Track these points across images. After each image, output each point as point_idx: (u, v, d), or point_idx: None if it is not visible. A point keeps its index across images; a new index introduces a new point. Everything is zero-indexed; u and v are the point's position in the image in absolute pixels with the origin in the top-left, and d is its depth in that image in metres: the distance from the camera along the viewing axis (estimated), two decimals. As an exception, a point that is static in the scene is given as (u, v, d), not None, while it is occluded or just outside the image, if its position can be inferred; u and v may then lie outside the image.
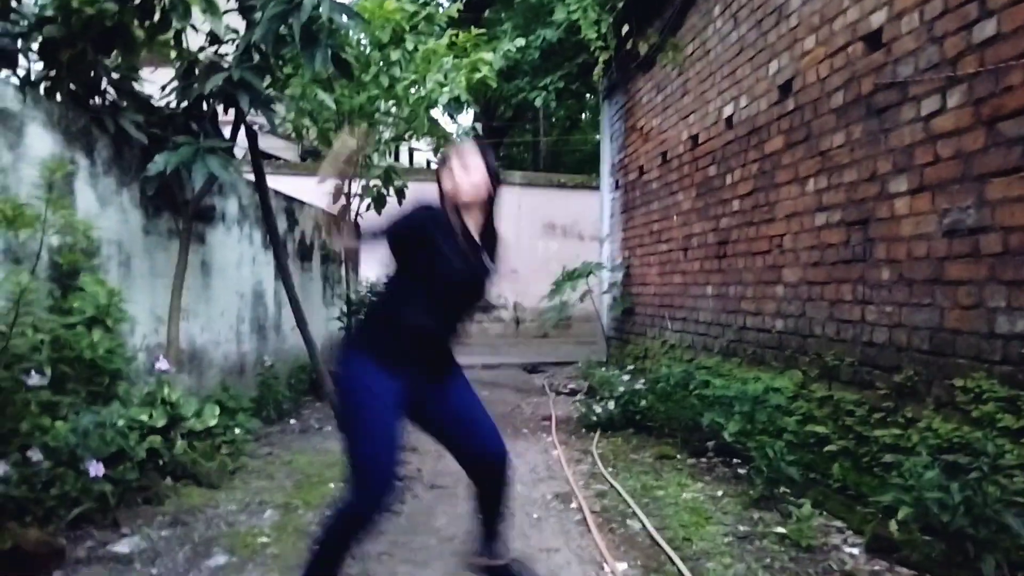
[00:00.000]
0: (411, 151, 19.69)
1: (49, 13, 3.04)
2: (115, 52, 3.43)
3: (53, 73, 3.25)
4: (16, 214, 2.41)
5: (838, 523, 3.13)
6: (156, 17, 3.41)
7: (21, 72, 3.46)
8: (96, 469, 2.61)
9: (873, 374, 3.42)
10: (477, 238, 2.24)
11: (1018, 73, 2.68)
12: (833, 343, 3.74)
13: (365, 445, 2.01)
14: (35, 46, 3.33)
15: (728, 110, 5.07)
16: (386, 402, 2.04)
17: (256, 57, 3.76)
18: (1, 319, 2.30)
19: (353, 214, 7.06)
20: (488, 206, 2.27)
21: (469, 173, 2.20)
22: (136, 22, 3.34)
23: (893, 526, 2.64)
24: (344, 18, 3.35)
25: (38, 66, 3.50)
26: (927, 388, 3.08)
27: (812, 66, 4.00)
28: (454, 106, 6.71)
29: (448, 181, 2.22)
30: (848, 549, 2.84)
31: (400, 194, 7.10)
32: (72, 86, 3.43)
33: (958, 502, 2.18)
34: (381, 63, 5.93)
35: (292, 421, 5.30)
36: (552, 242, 13.21)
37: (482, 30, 6.69)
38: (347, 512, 2.01)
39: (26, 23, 3.11)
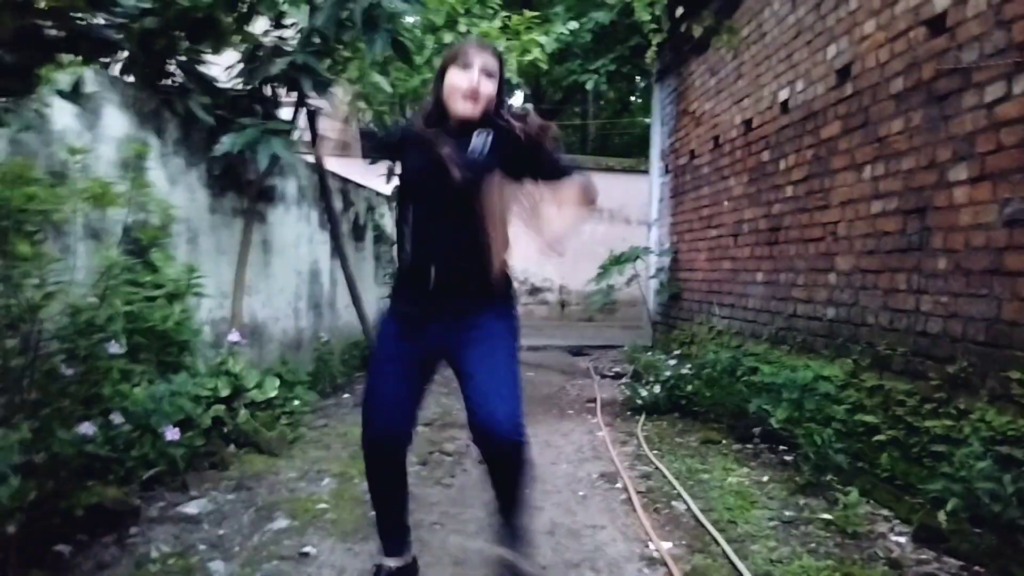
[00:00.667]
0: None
1: (147, 5, 3.25)
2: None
3: (143, 60, 3.45)
4: (103, 192, 2.56)
5: (885, 512, 3.14)
6: (244, 8, 3.61)
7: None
8: (172, 433, 2.78)
9: (926, 364, 3.39)
10: (475, 140, 2.09)
11: (1089, 60, 2.62)
12: (886, 332, 3.71)
13: (364, 394, 2.22)
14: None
15: (784, 94, 5.01)
16: (387, 354, 2.20)
17: (317, 41, 3.86)
18: (90, 289, 2.45)
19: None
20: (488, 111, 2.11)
21: (463, 80, 2.06)
22: (223, 13, 3.54)
23: (941, 516, 2.64)
24: (403, 3, 3.43)
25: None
26: (981, 380, 3.05)
27: (872, 51, 3.94)
28: (506, 88, 6.75)
29: (444, 83, 2.10)
30: (894, 538, 2.85)
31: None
32: (144, 70, 3.60)
33: (1011, 493, 2.18)
34: (435, 45, 6.02)
35: (346, 395, 5.47)
36: (599, 226, 13.18)
37: (535, 13, 6.70)
38: (361, 445, 2.21)
39: (125, 14, 3.30)
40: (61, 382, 2.29)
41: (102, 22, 2.15)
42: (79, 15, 1.92)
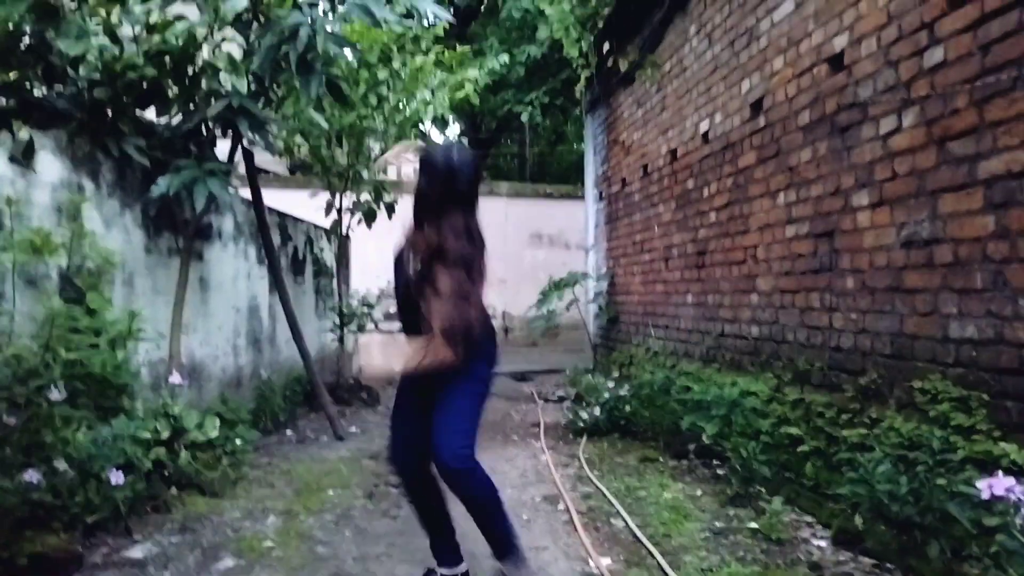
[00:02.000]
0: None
1: (97, 77, 3.47)
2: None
3: (95, 126, 3.62)
4: (43, 242, 2.58)
5: (808, 518, 3.34)
6: (188, 79, 3.88)
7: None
8: (117, 477, 2.78)
9: (841, 377, 3.63)
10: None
11: (963, 97, 2.90)
12: (804, 348, 3.95)
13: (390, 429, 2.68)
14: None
15: (704, 126, 5.30)
16: (401, 395, 2.66)
17: (253, 84, 3.94)
18: (34, 340, 2.45)
19: (345, 228, 7.26)
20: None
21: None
22: (169, 81, 3.83)
23: (858, 519, 2.84)
24: (337, 47, 3.54)
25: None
26: (889, 390, 3.29)
27: (781, 86, 4.23)
28: (439, 123, 6.93)
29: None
30: (816, 542, 3.04)
31: (391, 209, 7.29)
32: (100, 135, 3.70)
33: (905, 493, 2.39)
34: (369, 82, 6.14)
35: (288, 432, 5.46)
36: (539, 251, 13.44)
37: (467, 47, 6.90)
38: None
39: (77, 87, 3.45)
40: (2, 431, 2.29)
41: (55, 94, 2.26)
42: (31, 89, 2.01)
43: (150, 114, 4.24)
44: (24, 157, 2.47)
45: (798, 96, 4.06)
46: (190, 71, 3.86)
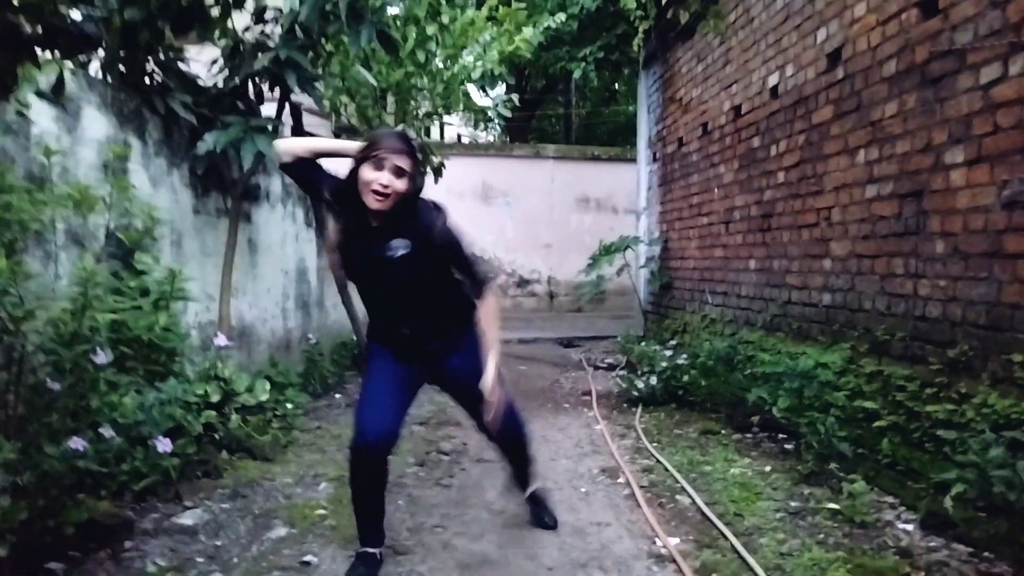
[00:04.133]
0: (442, 126, 19.66)
1: None
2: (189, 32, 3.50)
3: (126, 55, 3.32)
4: (83, 196, 2.47)
5: (889, 499, 3.12)
6: None
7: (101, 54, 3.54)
8: (164, 445, 2.70)
9: (925, 349, 3.37)
10: (394, 242, 2.30)
11: (1088, 39, 2.59)
12: (883, 317, 3.69)
13: (358, 404, 2.46)
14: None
15: (773, 79, 4.97)
16: (377, 370, 2.49)
17: (301, 35, 3.77)
18: (70, 301, 2.36)
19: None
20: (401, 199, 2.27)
21: (381, 171, 2.22)
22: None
23: (948, 502, 2.62)
24: (389, -5, 3.35)
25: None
26: (983, 363, 3.03)
27: (863, 34, 3.90)
28: (488, 80, 6.68)
29: (365, 174, 2.24)
30: (902, 525, 2.83)
31: (438, 172, 7.12)
32: (125, 69, 3.49)
33: (1025, 480, 2.16)
34: (417, 37, 5.91)
35: (337, 395, 5.40)
36: (586, 216, 13.15)
37: (521, 4, 6.60)
38: (349, 448, 2.42)
39: (104, 6, 3.18)
40: (48, 396, 2.21)
41: (80, 17, 2.06)
42: (56, 10, 1.83)
43: (197, 68, 4.12)
44: (54, 93, 2.32)
45: (883, 44, 3.73)
46: None
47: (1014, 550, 2.29)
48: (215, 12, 3.50)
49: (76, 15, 2.39)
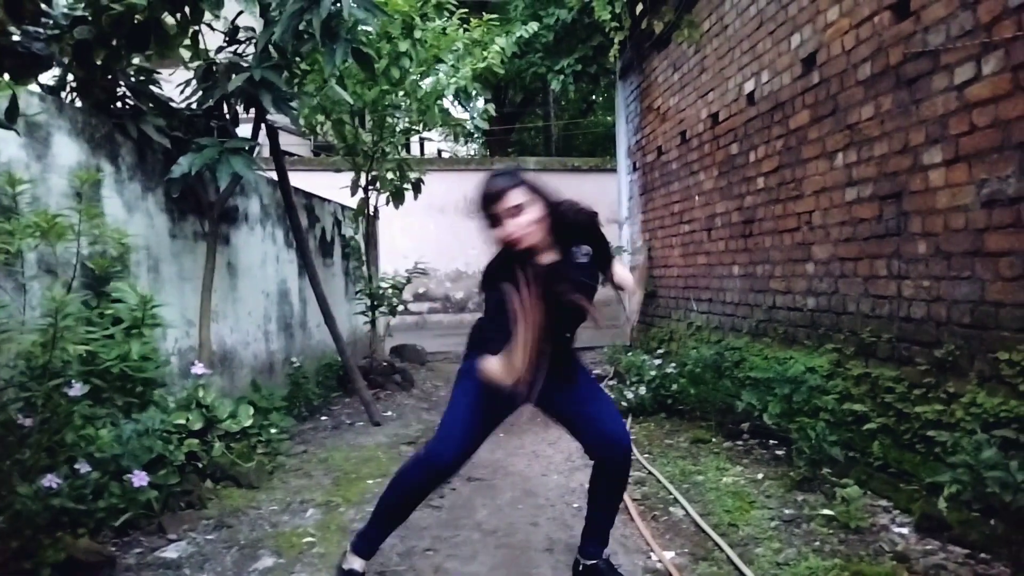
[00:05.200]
0: (422, 141, 19.64)
1: (79, 13, 3.00)
2: (146, 49, 3.36)
3: (82, 76, 3.20)
4: (50, 225, 2.41)
5: (883, 502, 3.10)
6: (187, 8, 3.34)
7: (54, 76, 3.44)
8: (140, 479, 2.62)
9: (912, 350, 3.37)
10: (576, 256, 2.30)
11: (1059, 37, 2.60)
12: (869, 319, 3.69)
13: (444, 424, 2.36)
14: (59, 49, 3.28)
15: (749, 86, 4.99)
16: (471, 394, 2.34)
17: (275, 55, 3.73)
18: (40, 333, 2.29)
19: (371, 208, 7.07)
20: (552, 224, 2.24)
21: (503, 224, 2.19)
22: (167, 14, 3.30)
23: (941, 504, 2.60)
24: (364, 12, 3.31)
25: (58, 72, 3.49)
26: (969, 362, 3.03)
27: (837, 38, 3.92)
28: (463, 96, 6.69)
29: (494, 233, 2.23)
30: (897, 529, 2.81)
31: (416, 188, 7.08)
32: (93, 91, 3.41)
33: (1020, 480, 2.14)
34: (391, 54, 5.89)
35: (323, 418, 5.32)
36: (568, 226, 13.13)
37: (494, 15, 6.61)
38: (419, 466, 2.34)
39: (54, 25, 3.06)
40: (19, 432, 2.13)
41: (31, 36, 1.99)
42: (3, 30, 1.76)
43: (170, 90, 4.06)
44: (7, 117, 2.23)
45: (857, 48, 3.75)
46: (187, 1, 3.35)
47: (1011, 551, 2.28)
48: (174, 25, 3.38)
49: (26, 35, 2.30)
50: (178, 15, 3.32)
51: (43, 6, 2.76)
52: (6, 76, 1.92)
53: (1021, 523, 2.18)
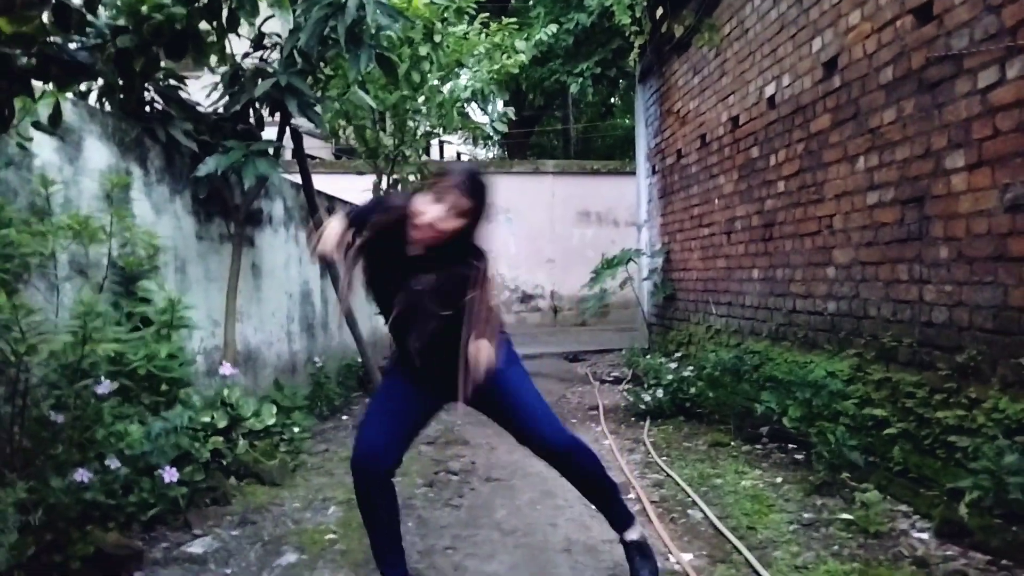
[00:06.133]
0: (442, 144, 19.73)
1: (121, 23, 3.11)
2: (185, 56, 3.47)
3: (121, 83, 3.31)
4: (82, 227, 2.48)
5: (903, 507, 3.09)
6: (224, 16, 3.42)
7: (88, 83, 3.55)
8: (170, 475, 2.68)
9: (933, 355, 3.35)
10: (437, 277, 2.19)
11: (1084, 41, 2.59)
12: (890, 324, 3.67)
13: (361, 422, 2.38)
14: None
15: (770, 89, 4.99)
16: (391, 391, 2.39)
17: (300, 61, 3.79)
18: (71, 334, 2.36)
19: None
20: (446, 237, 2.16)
21: (427, 212, 2.10)
22: (204, 23, 3.38)
23: (962, 510, 2.60)
24: (387, 19, 3.36)
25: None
26: (992, 368, 3.01)
27: (858, 41, 3.92)
28: (480, 99, 6.73)
29: (416, 206, 2.14)
30: (917, 534, 2.80)
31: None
32: (129, 96, 3.50)
33: (1041, 486, 2.14)
34: (412, 59, 5.95)
35: (344, 417, 5.38)
36: (587, 229, 13.17)
37: (513, 19, 6.65)
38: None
39: (97, 34, 3.18)
40: (52, 429, 2.20)
41: (74, 46, 2.06)
42: (48, 40, 1.83)
43: (197, 95, 4.14)
44: (51, 124, 2.31)
45: (879, 52, 3.74)
46: (226, 7, 3.43)
47: (1033, 557, 2.27)
48: (211, 36, 3.48)
49: (70, 44, 2.38)
50: (215, 23, 3.40)
51: (88, 16, 2.84)
52: (51, 85, 1.99)
53: (1042, 529, 2.18)
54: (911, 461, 3.30)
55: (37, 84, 2.11)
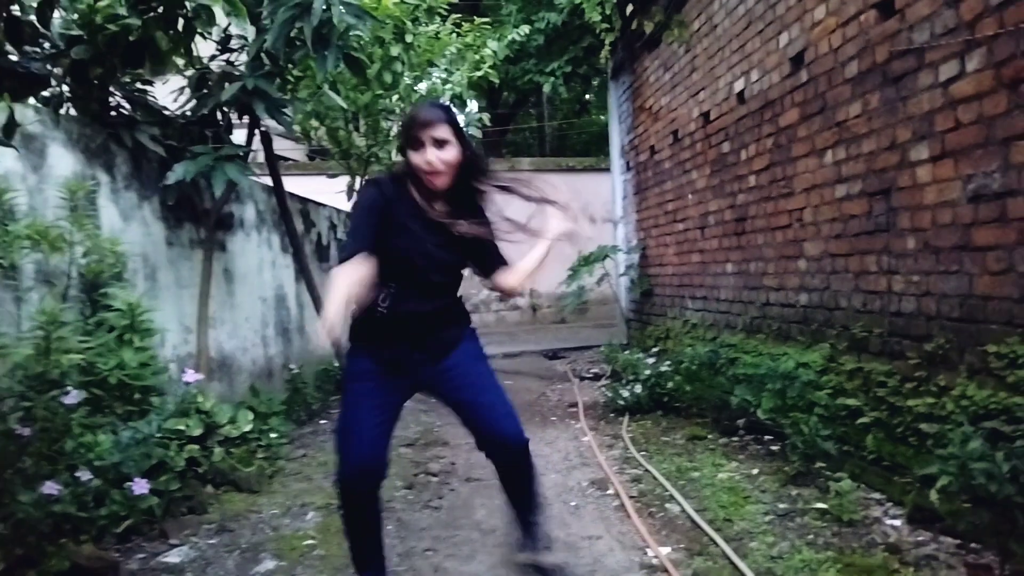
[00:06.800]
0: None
1: (75, 33, 3.07)
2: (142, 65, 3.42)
3: (78, 92, 3.26)
4: (43, 236, 2.44)
5: (876, 495, 3.14)
6: (180, 25, 3.37)
7: (51, 91, 3.50)
8: (140, 487, 2.65)
9: (903, 344, 3.41)
10: (444, 212, 2.20)
11: (1040, 33, 2.64)
12: (860, 315, 3.73)
13: (339, 430, 2.23)
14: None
15: (739, 85, 5.03)
16: (361, 389, 2.22)
17: (267, 63, 3.76)
18: (35, 345, 2.32)
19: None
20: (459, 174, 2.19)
21: (425, 151, 2.10)
22: (160, 33, 3.33)
23: (933, 496, 2.64)
24: (354, 19, 3.35)
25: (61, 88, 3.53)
26: (959, 355, 3.07)
27: (824, 36, 3.96)
28: (458, 103, 6.73)
29: (412, 157, 2.14)
30: (889, 521, 2.85)
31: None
32: (89, 104, 3.45)
33: (1005, 471, 2.18)
34: (383, 59, 5.92)
35: (323, 421, 5.35)
36: (564, 226, 13.16)
37: (486, 19, 6.65)
38: (335, 481, 2.25)
39: (51, 46, 3.13)
40: (19, 442, 2.16)
41: (29, 57, 2.04)
42: (1, 51, 1.80)
43: (164, 99, 4.09)
44: (4, 134, 2.27)
45: (844, 46, 3.79)
46: (181, 17, 3.36)
47: (999, 540, 2.31)
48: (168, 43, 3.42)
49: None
50: (171, 32, 3.35)
51: (41, 28, 2.81)
52: (5, 96, 1.95)
53: (1007, 512, 2.22)
54: (884, 449, 3.35)
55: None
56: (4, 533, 2.04)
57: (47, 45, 3.19)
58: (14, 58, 2.16)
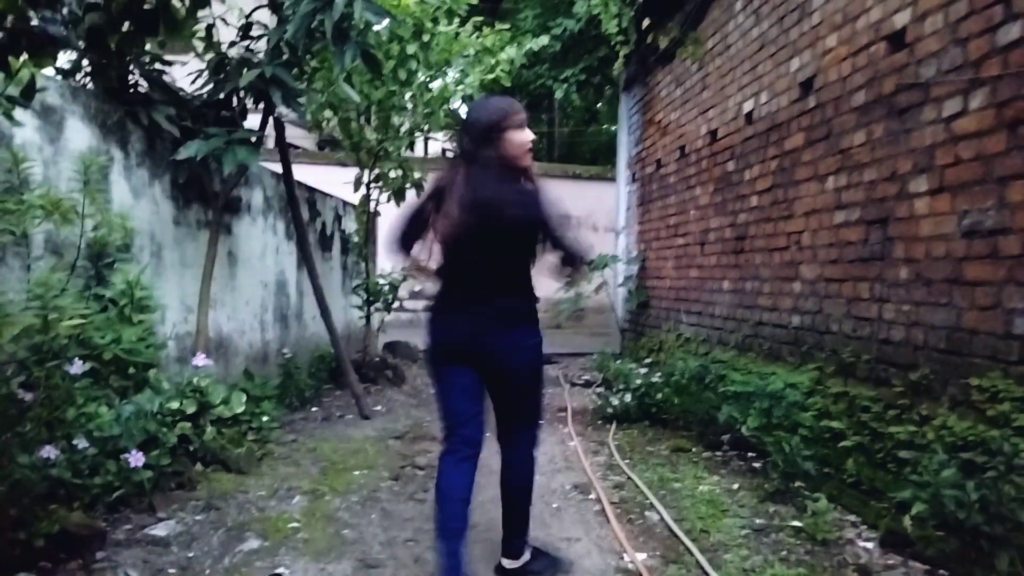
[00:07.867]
0: (427, 140, 19.74)
1: (92, 0, 3.14)
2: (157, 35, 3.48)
3: (96, 60, 3.29)
4: (55, 207, 2.50)
5: (852, 517, 3.20)
6: None
7: (69, 60, 3.54)
8: (136, 459, 2.71)
9: (889, 371, 3.47)
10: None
11: (1041, 78, 2.71)
12: (850, 340, 3.79)
13: (444, 419, 2.55)
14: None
15: (748, 106, 5.10)
16: (450, 379, 2.51)
17: (286, 52, 3.82)
18: (34, 314, 2.37)
19: (373, 204, 7.17)
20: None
21: (522, 132, 2.44)
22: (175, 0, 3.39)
23: (907, 521, 2.70)
24: (374, 16, 3.41)
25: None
26: (943, 386, 3.13)
27: (834, 64, 4.03)
28: (468, 103, 6.80)
29: (509, 147, 2.42)
30: (862, 543, 2.90)
31: (418, 187, 7.17)
32: (108, 75, 3.50)
33: (974, 500, 2.24)
34: (399, 56, 5.99)
35: (314, 409, 5.40)
36: (566, 233, 13.23)
37: (505, 26, 6.71)
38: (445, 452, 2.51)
39: (69, 12, 3.18)
40: (20, 406, 2.22)
41: (48, 20, 2.10)
42: (22, 14, 1.86)
43: (182, 80, 4.15)
44: (24, 95, 2.34)
45: (853, 75, 3.86)
46: None
47: (965, 567, 2.37)
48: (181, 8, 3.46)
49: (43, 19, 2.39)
50: (187, 0, 3.41)
51: None
52: (24, 56, 2.00)
53: (974, 540, 2.28)
54: (863, 473, 3.41)
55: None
56: (2, 493, 2.09)
57: (65, 12, 3.23)
58: (33, 22, 2.22)
